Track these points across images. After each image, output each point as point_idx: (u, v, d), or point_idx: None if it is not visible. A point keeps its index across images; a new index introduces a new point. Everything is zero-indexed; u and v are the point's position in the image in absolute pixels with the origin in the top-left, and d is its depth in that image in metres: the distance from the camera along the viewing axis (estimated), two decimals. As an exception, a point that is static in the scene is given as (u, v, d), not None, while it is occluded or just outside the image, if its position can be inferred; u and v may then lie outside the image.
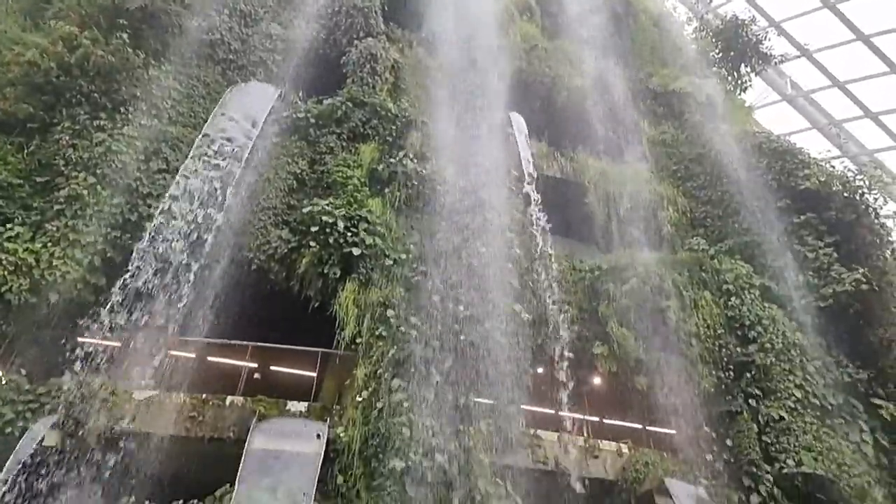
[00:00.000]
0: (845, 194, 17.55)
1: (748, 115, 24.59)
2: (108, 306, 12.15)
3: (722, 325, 15.16)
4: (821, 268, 16.71)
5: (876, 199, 17.69)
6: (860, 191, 17.63)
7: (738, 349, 14.84)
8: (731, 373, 14.46)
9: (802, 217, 17.59)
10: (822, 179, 17.82)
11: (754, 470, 12.98)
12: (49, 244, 12.57)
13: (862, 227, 17.26)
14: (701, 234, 17.83)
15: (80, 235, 12.83)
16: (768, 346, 14.81)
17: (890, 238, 17.36)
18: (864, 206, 17.51)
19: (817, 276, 16.63)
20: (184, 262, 13.06)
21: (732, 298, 15.64)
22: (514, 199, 16.03)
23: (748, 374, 14.44)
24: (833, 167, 18.70)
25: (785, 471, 13.01)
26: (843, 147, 28.32)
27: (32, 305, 12.14)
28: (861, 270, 15.95)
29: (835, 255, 16.73)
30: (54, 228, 12.75)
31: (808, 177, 18.02)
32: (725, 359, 14.61)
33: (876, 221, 17.44)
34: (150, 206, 13.74)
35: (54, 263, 12.43)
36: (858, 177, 18.14)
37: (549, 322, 13.61)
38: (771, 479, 12.92)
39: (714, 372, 14.30)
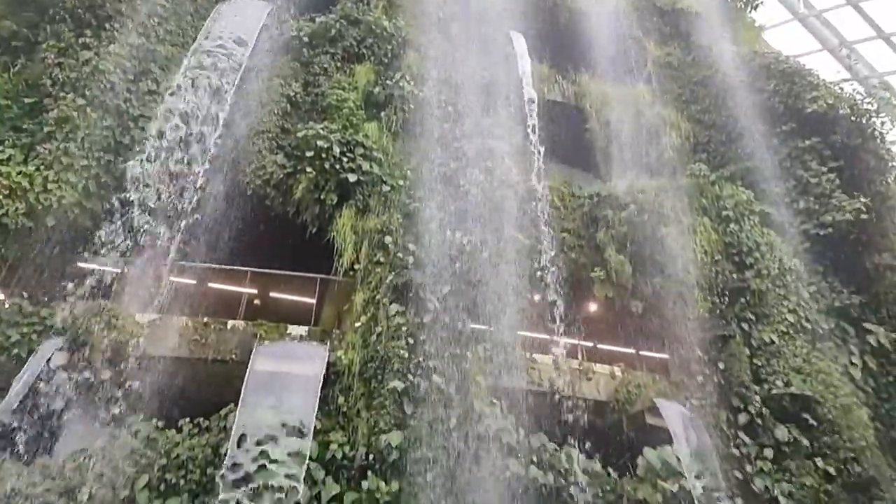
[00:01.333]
0: (852, 118, 17.36)
1: (757, 36, 23.89)
2: (105, 231, 12.29)
3: (719, 251, 15.34)
4: (822, 194, 16.74)
5: (883, 124, 17.51)
6: (868, 114, 17.43)
7: (734, 275, 15.08)
8: (726, 298, 14.76)
9: (807, 142, 17.45)
10: (830, 102, 17.57)
11: (744, 391, 13.47)
12: (42, 167, 12.60)
13: (867, 152, 17.18)
14: (703, 159, 17.73)
15: (73, 159, 12.83)
16: (764, 272, 15.05)
17: (894, 164, 17.30)
18: (870, 131, 17.36)
19: (818, 203, 16.69)
20: (179, 185, 13.08)
21: (731, 225, 15.76)
22: (513, 124, 15.85)
23: (743, 300, 14.75)
24: (842, 89, 18.40)
25: (774, 392, 13.50)
26: (854, 69, 27.69)
27: (30, 230, 12.28)
28: (863, 200, 16.00)
29: (837, 181, 16.74)
30: (46, 151, 12.74)
31: (816, 99, 17.75)
32: (721, 285, 14.87)
33: (881, 146, 17.35)
34: (142, 129, 13.66)
35: (49, 187, 12.49)
36: (867, 100, 17.88)
37: (547, 249, 13.75)
38: (759, 399, 13.43)
39: (709, 297, 14.59)
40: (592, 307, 15.58)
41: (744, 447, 12.68)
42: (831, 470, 12.54)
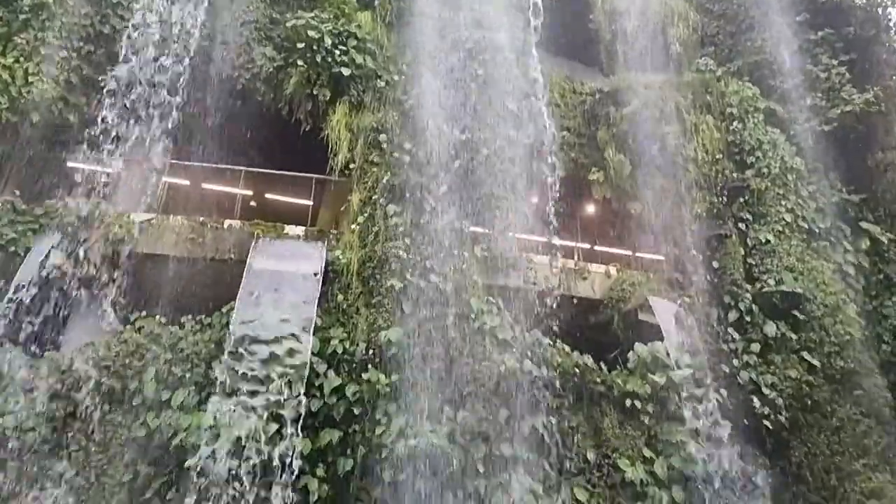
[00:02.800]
0: (868, 8, 16.84)
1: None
2: (92, 127, 12.10)
3: (721, 150, 15.27)
4: (831, 88, 16.52)
5: (900, 14, 16.98)
6: (883, 4, 16.90)
7: (735, 174, 15.12)
8: (725, 198, 14.87)
9: (819, 33, 17.01)
10: (846, -9, 16.96)
11: (735, 289, 13.88)
12: (21, 59, 12.30)
13: (879, 45, 16.80)
14: (710, 53, 17.25)
15: (53, 50, 12.48)
16: (765, 170, 15.07)
17: (907, 57, 16.93)
18: (885, 22, 16.88)
19: (826, 98, 16.49)
20: (166, 78, 12.73)
21: (735, 123, 15.60)
22: (513, 15, 15.22)
23: (741, 199, 14.87)
24: (859, -23, 17.66)
25: (765, 289, 13.91)
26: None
27: (15, 125, 12.14)
28: (873, 90, 15.82)
29: (847, 74, 16.46)
30: (24, 42, 12.37)
31: (832, -12, 17.14)
32: (721, 184, 14.93)
33: (895, 38, 16.93)
34: (122, 18, 13.12)
35: (30, 80, 12.26)
36: (885, -12, 17.22)
37: (547, 148, 13.64)
38: (750, 297, 13.86)
39: (708, 197, 14.68)
40: (590, 208, 15.69)
41: (732, 342, 13.23)
42: (815, 363, 13.16)
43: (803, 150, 15.93)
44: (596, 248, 15.08)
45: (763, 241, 14.47)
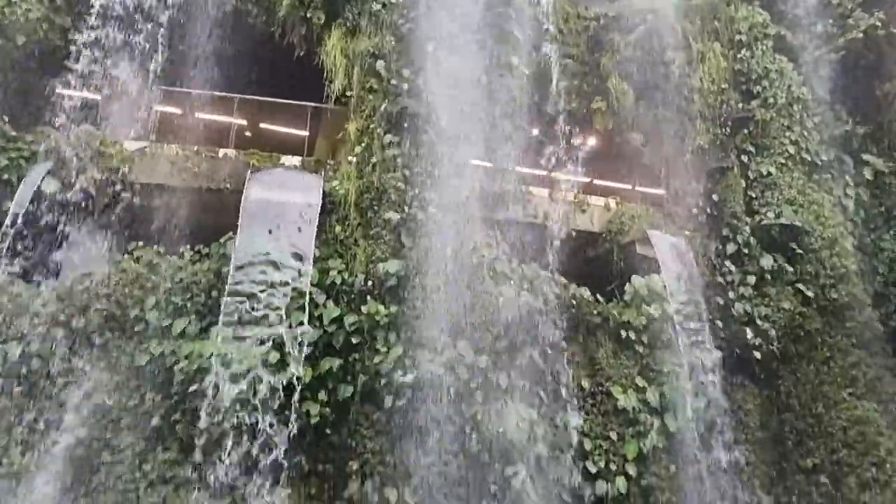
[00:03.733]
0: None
1: None
2: (79, 52, 11.79)
3: (727, 79, 14.99)
4: (843, 14, 16.11)
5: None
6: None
7: (740, 105, 14.91)
8: (728, 129, 14.71)
9: (834, -46, 16.41)
10: None
11: (735, 222, 13.95)
12: (4, -23, 11.85)
13: (894, -33, 16.21)
14: (720, -24, 16.65)
15: (35, -33, 12.00)
16: (771, 100, 14.87)
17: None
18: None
19: (836, 25, 16.09)
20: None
21: (743, 50, 15.26)
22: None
23: (745, 131, 14.73)
24: None
25: (764, 222, 13.99)
26: None
27: (2, 49, 11.81)
28: (877, 14, 15.44)
29: (859, -1, 16.04)
30: (5, -40, 11.88)
31: None
32: (725, 115, 14.75)
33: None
34: (106, -67, 12.56)
35: (13, 0, 11.86)
36: None
37: (548, 76, 13.35)
38: (749, 229, 13.95)
39: (711, 129, 14.53)
40: (591, 140, 15.51)
41: (728, 275, 13.42)
42: (809, 295, 13.38)
43: (811, 79, 15.65)
44: (596, 181, 15.01)
45: (764, 173, 14.43)
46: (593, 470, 10.63)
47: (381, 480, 9.82)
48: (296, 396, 9.66)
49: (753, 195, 14.38)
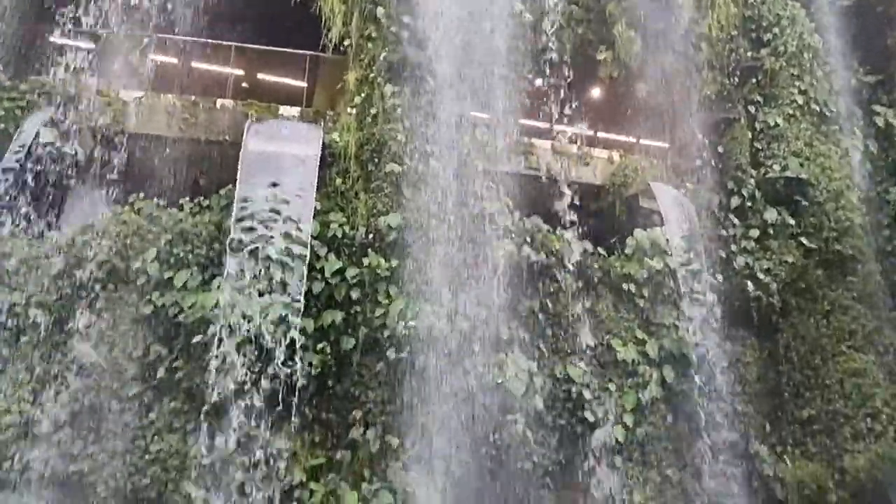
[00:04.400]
0: None
1: None
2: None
3: (737, 26, 14.63)
4: (858, -44, 15.67)
5: None
6: None
7: (749, 53, 14.60)
8: (736, 79, 14.45)
9: None
10: None
11: (740, 174, 13.84)
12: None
13: None
14: (734, -86, 16.07)
15: None
16: (781, 48, 14.56)
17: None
18: None
19: (851, -32, 15.67)
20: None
21: (754, -5, 14.87)
22: None
23: (753, 80, 14.47)
24: None
25: (769, 175, 13.89)
26: None
27: (-7, -4, 11.60)
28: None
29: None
30: None
31: None
32: (733, 64, 14.46)
33: None
34: None
35: (-2, -57, 11.58)
36: None
37: (553, 24, 13.05)
38: (754, 182, 13.86)
39: (719, 78, 14.27)
40: (595, 91, 15.25)
41: (731, 228, 13.40)
42: (812, 248, 13.38)
43: (823, 26, 15.28)
44: (599, 134, 14.84)
45: (772, 124, 14.24)
46: (591, 420, 10.85)
47: (384, 429, 10.06)
48: (298, 348, 9.83)
49: (759, 147, 14.22)
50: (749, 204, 13.68)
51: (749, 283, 12.93)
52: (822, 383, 12.60)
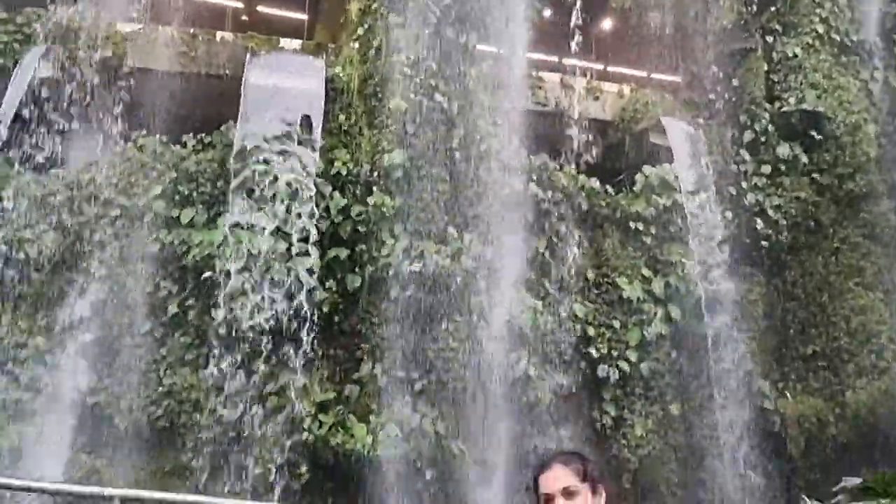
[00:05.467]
0: None
1: None
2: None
3: (757, -50, 13.99)
4: None
5: None
6: None
7: (770, -22, 14.02)
8: (755, 6, 13.88)
9: None
10: None
11: (754, 108, 13.52)
12: None
13: None
14: None
15: None
16: (803, -27, 13.98)
17: None
18: None
19: None
20: None
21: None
22: None
23: (773, 8, 13.93)
24: None
25: (784, 109, 13.56)
26: None
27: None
28: None
29: None
30: None
31: None
32: (752, -10, 13.91)
33: None
34: None
35: None
36: None
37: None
38: (768, 116, 13.54)
39: (736, 7, 13.71)
40: (607, 22, 14.73)
41: (743, 164, 13.19)
42: (824, 184, 13.20)
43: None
44: (610, 68, 14.43)
45: (790, 55, 13.79)
46: (596, 355, 11.04)
47: (391, 364, 10.29)
48: (305, 285, 9.96)
49: (776, 79, 13.83)
50: (762, 139, 13.42)
51: (759, 220, 12.82)
52: (827, 320, 12.67)
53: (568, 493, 2.67)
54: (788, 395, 12.27)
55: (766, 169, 13.22)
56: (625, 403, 11.06)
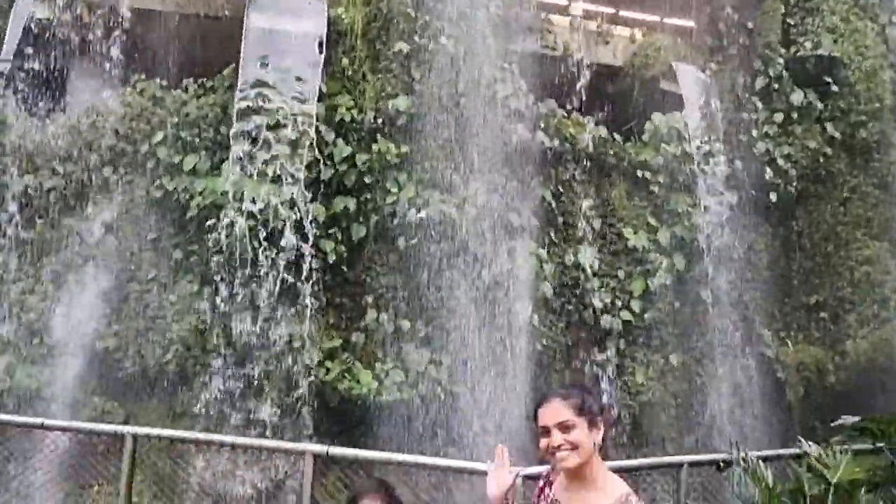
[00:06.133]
0: None
1: None
2: None
3: None
4: None
5: None
6: None
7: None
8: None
9: None
10: None
11: (769, 53, 13.19)
12: None
13: None
14: None
15: None
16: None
17: None
18: None
19: None
20: None
21: None
22: None
23: (792, -53, 13.48)
24: None
25: (800, 53, 13.25)
26: None
27: None
28: None
29: None
30: None
31: None
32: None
33: None
34: None
35: None
36: None
37: None
38: (783, 62, 13.26)
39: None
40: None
41: (754, 112, 12.95)
42: (837, 134, 13.00)
43: None
44: (621, 12, 13.95)
45: (808, -6, 13.41)
46: (599, 305, 11.11)
47: (396, 313, 10.39)
48: (310, 233, 9.98)
49: (792, 22, 13.46)
50: (775, 86, 13.14)
51: (768, 168, 12.68)
52: (832, 270, 12.70)
53: (564, 426, 2.78)
54: (790, 344, 12.39)
55: (779, 117, 12.99)
56: (626, 352, 11.19)
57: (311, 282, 10.04)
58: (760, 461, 5.46)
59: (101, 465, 9.63)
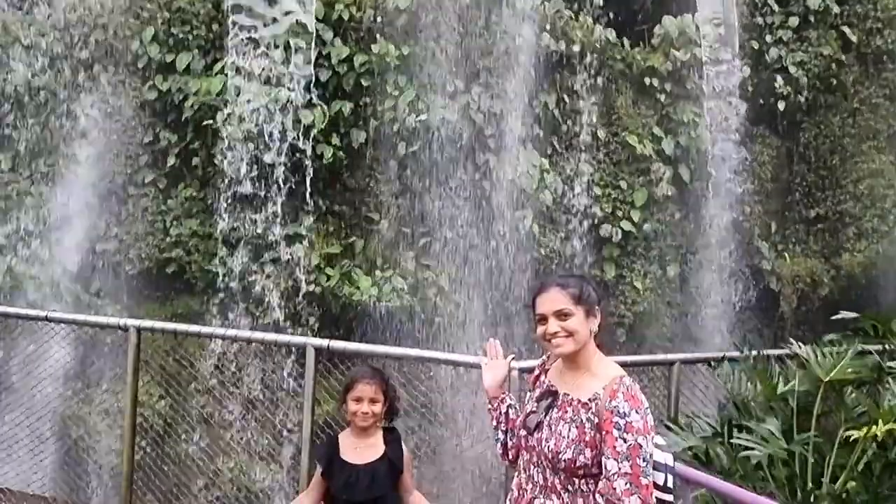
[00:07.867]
0: None
1: None
2: None
3: None
4: None
5: None
6: None
7: None
8: None
9: None
10: None
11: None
12: None
13: None
14: None
15: None
16: None
17: None
18: None
19: None
20: None
21: None
22: None
23: None
24: None
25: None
26: None
27: None
28: None
29: None
30: None
31: None
32: None
33: None
34: None
35: None
36: None
37: None
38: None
39: None
40: None
41: (769, 16, 12.46)
42: (852, 40, 12.58)
43: None
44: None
45: None
46: (600, 215, 11.12)
47: (396, 220, 10.41)
48: (309, 137, 9.84)
49: None
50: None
51: (778, 76, 12.34)
52: (836, 183, 12.61)
53: (561, 315, 2.83)
54: (787, 256, 12.50)
55: (794, 21, 12.49)
56: (625, 262, 11.30)
57: (309, 187, 10.02)
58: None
59: (106, 364, 9.95)
